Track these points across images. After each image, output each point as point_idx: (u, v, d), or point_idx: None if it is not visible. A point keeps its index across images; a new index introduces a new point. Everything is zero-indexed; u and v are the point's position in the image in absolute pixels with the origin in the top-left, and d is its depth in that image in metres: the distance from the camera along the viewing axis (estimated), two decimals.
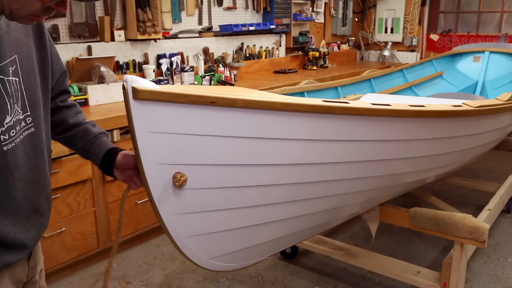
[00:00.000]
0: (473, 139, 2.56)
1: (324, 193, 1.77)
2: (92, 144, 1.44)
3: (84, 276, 2.98)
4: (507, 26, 5.96)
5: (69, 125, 1.44)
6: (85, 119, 1.49)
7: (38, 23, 1.19)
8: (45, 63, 1.24)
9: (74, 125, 1.45)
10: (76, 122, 1.46)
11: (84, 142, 1.44)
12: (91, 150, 1.44)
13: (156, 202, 1.36)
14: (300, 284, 2.83)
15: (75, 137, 1.44)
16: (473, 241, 2.25)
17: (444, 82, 4.95)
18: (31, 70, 1.18)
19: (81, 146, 1.45)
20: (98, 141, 1.45)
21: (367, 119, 1.68)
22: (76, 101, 3.11)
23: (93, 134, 1.46)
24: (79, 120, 1.47)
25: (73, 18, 3.48)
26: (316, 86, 3.59)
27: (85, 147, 1.44)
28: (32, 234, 1.23)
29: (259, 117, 1.39)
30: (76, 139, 1.44)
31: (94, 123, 1.49)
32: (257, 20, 5.16)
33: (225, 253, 1.60)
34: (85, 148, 1.44)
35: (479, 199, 4.02)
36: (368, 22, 6.94)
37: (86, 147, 1.44)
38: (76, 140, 1.44)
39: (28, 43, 1.17)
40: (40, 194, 1.24)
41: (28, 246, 1.22)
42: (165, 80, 3.93)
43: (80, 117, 1.48)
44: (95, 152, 1.44)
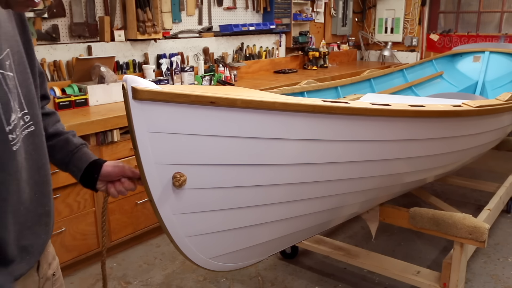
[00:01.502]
0: (473, 139, 2.55)
1: (324, 193, 1.77)
2: (73, 156, 1.35)
3: (84, 276, 2.98)
4: (507, 26, 5.96)
5: (48, 134, 1.31)
6: (64, 128, 1.40)
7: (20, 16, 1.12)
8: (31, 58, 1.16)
9: (54, 135, 1.35)
10: (56, 132, 1.36)
11: (65, 153, 1.35)
12: (72, 162, 1.35)
13: (156, 202, 1.36)
14: (300, 284, 2.83)
15: (54, 147, 1.32)
16: (473, 241, 2.25)
17: (444, 82, 4.95)
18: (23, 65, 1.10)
19: (61, 157, 1.35)
20: (80, 152, 1.37)
21: (367, 119, 1.68)
22: (76, 101, 3.15)
23: (74, 145, 1.37)
24: (59, 129, 1.38)
25: (73, 18, 3.48)
26: (316, 86, 3.59)
27: (65, 159, 1.35)
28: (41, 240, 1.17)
29: (259, 117, 1.39)
30: (56, 150, 1.33)
31: (74, 133, 1.41)
32: (257, 20, 5.16)
33: (225, 253, 1.60)
34: (66, 159, 1.35)
35: (479, 199, 4.02)
36: (368, 22, 6.94)
37: (67, 158, 1.35)
38: (56, 151, 1.33)
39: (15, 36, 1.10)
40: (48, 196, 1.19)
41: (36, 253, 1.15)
42: (165, 80, 3.93)
43: (60, 126, 1.39)
44: (76, 164, 1.35)
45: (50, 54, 3.36)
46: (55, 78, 3.39)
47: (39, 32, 3.26)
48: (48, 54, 3.35)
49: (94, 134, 2.89)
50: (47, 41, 3.35)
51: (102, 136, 2.93)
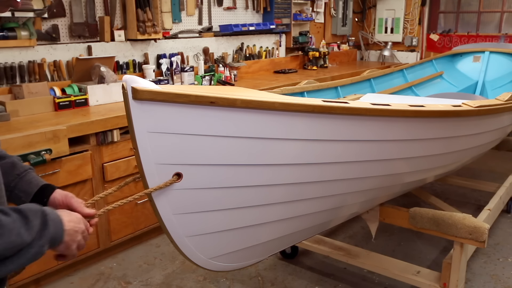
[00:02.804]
0: (473, 139, 2.55)
1: (324, 193, 1.77)
2: (21, 180, 1.26)
3: (84, 276, 2.98)
4: (507, 26, 5.96)
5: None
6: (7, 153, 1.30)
7: None
8: None
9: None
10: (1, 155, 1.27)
11: (11, 177, 1.25)
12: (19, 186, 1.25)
13: (155, 202, 1.36)
14: (300, 284, 2.83)
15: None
16: (473, 241, 2.25)
17: (444, 82, 4.95)
18: None
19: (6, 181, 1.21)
20: (28, 176, 1.28)
21: (367, 119, 1.68)
22: (76, 101, 3.15)
23: (23, 168, 1.28)
24: (3, 153, 1.29)
25: (73, 18, 3.48)
26: (316, 86, 3.58)
27: (11, 183, 1.25)
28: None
29: (258, 117, 1.39)
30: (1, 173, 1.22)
31: (19, 158, 1.32)
32: (257, 20, 5.16)
33: (225, 253, 1.60)
34: (11, 184, 1.25)
35: (479, 199, 4.02)
36: (368, 22, 6.94)
37: (13, 182, 1.25)
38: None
39: None
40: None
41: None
42: (165, 80, 3.93)
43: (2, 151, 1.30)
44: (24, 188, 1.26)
45: (50, 54, 3.36)
46: (55, 78, 3.39)
47: (39, 32, 3.26)
48: (48, 54, 3.35)
49: (94, 134, 2.89)
50: (47, 41, 3.35)
51: (102, 136, 2.93)
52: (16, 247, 0.96)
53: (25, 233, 0.98)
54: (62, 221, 1.10)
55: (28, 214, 1.00)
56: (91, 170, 2.87)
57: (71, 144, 2.73)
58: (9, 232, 0.94)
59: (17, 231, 0.96)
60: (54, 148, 2.59)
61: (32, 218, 1.00)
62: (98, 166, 2.95)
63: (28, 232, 0.98)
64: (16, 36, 3.06)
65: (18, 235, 0.96)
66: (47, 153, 2.54)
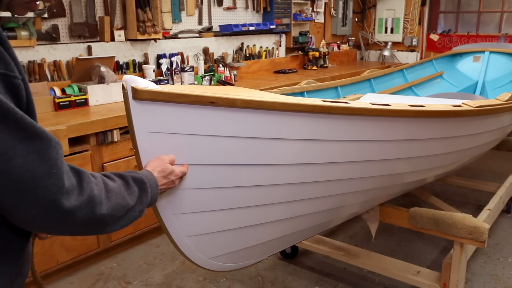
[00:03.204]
0: (473, 139, 2.55)
1: (324, 193, 1.77)
2: None
3: (84, 276, 2.98)
4: (507, 26, 5.96)
5: None
6: None
7: None
8: None
9: None
10: None
11: None
12: None
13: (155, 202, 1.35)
14: (300, 284, 2.83)
15: None
16: (473, 241, 2.25)
17: (444, 82, 4.95)
18: None
19: None
20: None
21: (367, 119, 1.68)
22: (76, 101, 3.15)
23: None
24: None
25: (73, 18, 3.48)
26: (316, 86, 3.58)
27: None
28: None
29: (258, 117, 1.39)
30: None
31: None
32: (257, 20, 5.16)
33: (225, 253, 1.60)
34: None
35: (479, 199, 4.01)
36: (368, 22, 6.94)
37: None
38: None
39: None
40: None
41: None
42: (165, 80, 3.93)
43: None
44: None
45: (50, 54, 3.36)
46: (55, 78, 3.39)
47: (39, 32, 3.26)
48: (48, 54, 3.35)
49: (94, 134, 2.89)
50: (47, 41, 3.35)
51: (102, 136, 2.93)
52: (121, 209, 1.05)
53: (128, 197, 1.08)
54: (158, 185, 1.21)
55: (128, 180, 1.11)
56: (91, 170, 2.87)
57: (71, 144, 2.73)
58: (116, 195, 1.05)
59: (122, 195, 1.07)
60: None
61: (132, 184, 1.11)
62: (98, 166, 2.95)
63: (130, 197, 1.09)
64: (16, 36, 3.06)
65: (123, 198, 1.06)
66: None
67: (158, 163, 1.26)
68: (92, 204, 0.97)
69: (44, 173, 0.89)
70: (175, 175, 1.28)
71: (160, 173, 1.24)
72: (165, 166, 1.26)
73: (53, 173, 0.90)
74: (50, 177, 0.89)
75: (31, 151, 0.88)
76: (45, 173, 0.89)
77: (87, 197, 0.96)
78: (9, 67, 0.93)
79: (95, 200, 0.98)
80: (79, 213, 0.94)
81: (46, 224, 0.94)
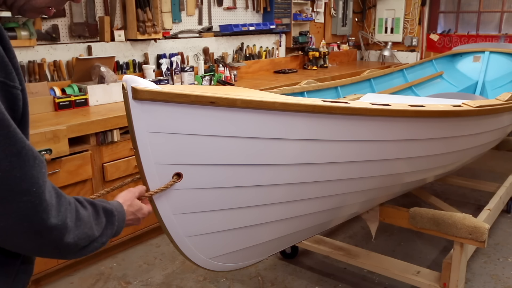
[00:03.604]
0: (473, 139, 2.55)
1: (324, 193, 1.77)
2: None
3: (84, 276, 2.98)
4: (507, 26, 5.96)
5: None
6: None
7: None
8: None
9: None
10: None
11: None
12: None
13: (155, 202, 1.36)
14: (300, 284, 2.83)
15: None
16: (473, 241, 2.25)
17: (444, 82, 4.95)
18: None
19: None
20: None
21: (367, 119, 1.68)
22: (76, 101, 3.15)
23: None
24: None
25: (73, 18, 3.48)
26: (316, 86, 3.59)
27: None
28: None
29: (258, 117, 1.39)
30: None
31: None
32: (257, 20, 5.16)
33: (225, 253, 1.60)
34: None
35: (479, 199, 4.02)
36: (368, 22, 6.94)
37: None
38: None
39: None
40: None
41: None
42: (165, 80, 3.93)
43: None
44: None
45: (50, 54, 3.36)
46: (55, 78, 3.39)
47: (39, 32, 3.26)
48: (48, 54, 3.35)
49: (94, 134, 2.89)
50: (47, 41, 3.35)
51: (102, 136, 2.93)
52: (86, 239, 1.04)
53: (95, 228, 1.06)
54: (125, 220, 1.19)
55: (99, 210, 1.10)
56: (91, 170, 2.87)
57: (71, 144, 2.73)
58: (85, 224, 1.03)
59: (90, 225, 1.05)
60: (54, 148, 2.59)
61: (101, 215, 1.10)
62: (98, 166, 2.95)
63: (97, 228, 1.07)
64: (16, 36, 3.06)
65: (90, 228, 1.05)
66: (47, 153, 2.55)
67: (129, 197, 1.25)
68: (63, 231, 0.96)
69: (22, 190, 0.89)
70: (142, 214, 1.27)
71: (129, 207, 1.23)
72: (134, 201, 1.25)
73: (32, 191, 0.90)
74: (27, 194, 0.89)
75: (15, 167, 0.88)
76: (23, 190, 0.89)
77: (61, 223, 0.96)
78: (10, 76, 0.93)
79: (67, 227, 0.97)
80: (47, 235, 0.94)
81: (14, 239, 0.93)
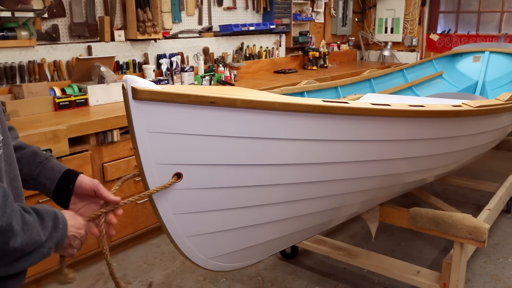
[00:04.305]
0: (473, 139, 2.55)
1: (324, 193, 1.77)
2: (44, 167, 1.25)
3: (84, 276, 2.98)
4: (507, 26, 5.96)
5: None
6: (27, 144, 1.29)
7: None
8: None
9: (17, 148, 1.23)
10: (20, 145, 1.26)
11: (34, 165, 1.24)
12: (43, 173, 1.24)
13: (155, 202, 1.36)
14: (300, 284, 2.83)
15: (20, 160, 1.19)
16: (473, 241, 2.25)
17: (444, 82, 4.95)
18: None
19: (29, 170, 1.23)
20: (51, 163, 1.27)
21: (367, 119, 1.68)
22: (76, 101, 3.15)
23: (44, 155, 1.27)
24: (23, 143, 1.27)
25: (73, 18, 3.48)
26: (316, 86, 3.59)
27: (34, 171, 1.24)
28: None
29: (258, 117, 1.39)
30: (22, 163, 1.22)
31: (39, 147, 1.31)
32: (257, 20, 5.16)
33: (225, 253, 1.60)
34: (34, 171, 1.24)
35: (479, 199, 4.01)
36: (368, 22, 6.94)
37: (36, 170, 1.24)
38: (22, 163, 1.21)
39: None
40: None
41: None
42: (165, 80, 3.93)
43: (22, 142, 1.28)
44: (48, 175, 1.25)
45: (50, 54, 3.36)
46: (55, 78, 3.39)
47: (39, 32, 3.26)
48: (48, 54, 3.35)
49: (94, 134, 2.89)
50: (47, 41, 3.35)
51: (102, 136, 2.93)
52: (33, 244, 0.99)
53: (41, 232, 1.01)
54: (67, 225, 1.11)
55: (43, 214, 1.03)
56: (91, 170, 2.87)
57: (71, 144, 2.73)
58: (31, 229, 0.98)
59: (37, 230, 1.00)
60: (54, 148, 2.59)
61: (47, 218, 1.04)
62: (98, 166, 2.95)
63: (43, 232, 1.02)
64: (16, 36, 3.06)
65: (37, 233, 0.99)
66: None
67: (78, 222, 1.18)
68: (9, 234, 0.91)
69: None
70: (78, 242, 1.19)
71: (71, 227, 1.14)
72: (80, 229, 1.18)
73: None
74: None
75: None
76: None
77: (7, 225, 0.90)
78: None
79: (13, 231, 0.91)
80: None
81: None
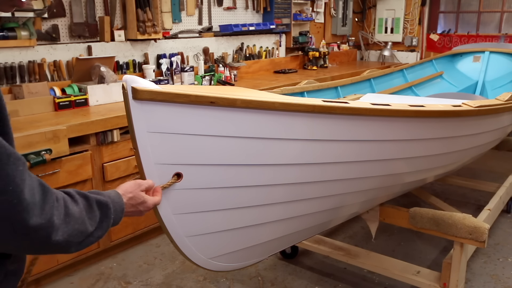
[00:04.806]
0: (473, 139, 2.55)
1: (324, 193, 1.77)
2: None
3: (84, 276, 2.98)
4: (507, 26, 5.96)
5: None
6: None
7: None
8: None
9: None
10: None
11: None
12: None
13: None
14: (300, 284, 2.83)
15: None
16: (473, 241, 2.25)
17: (444, 82, 4.95)
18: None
19: None
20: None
21: (367, 119, 1.68)
22: (76, 101, 3.15)
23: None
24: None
25: (73, 18, 3.48)
26: (316, 86, 3.59)
27: None
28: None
29: (258, 117, 1.39)
30: None
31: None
32: (257, 20, 5.16)
33: (225, 253, 1.60)
34: None
35: (479, 199, 4.01)
36: (368, 22, 6.94)
37: None
38: None
39: None
40: None
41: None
42: (165, 80, 3.93)
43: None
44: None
45: (50, 54, 3.36)
46: (55, 78, 3.39)
47: (39, 32, 3.26)
48: (48, 54, 3.35)
49: (94, 134, 2.89)
50: (47, 41, 3.35)
51: (102, 136, 2.93)
52: (79, 234, 1.02)
53: (87, 222, 1.04)
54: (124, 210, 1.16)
55: (93, 204, 1.07)
56: (91, 170, 2.87)
57: (71, 144, 2.73)
58: (75, 220, 1.00)
59: (81, 220, 1.02)
60: (54, 148, 2.59)
61: (95, 208, 1.07)
62: (98, 166, 2.95)
63: (90, 222, 1.05)
64: (16, 36, 3.06)
65: (82, 223, 1.02)
66: (47, 153, 2.55)
67: (132, 188, 1.22)
68: (49, 230, 0.94)
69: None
70: (145, 207, 1.24)
71: (130, 199, 1.20)
72: (138, 194, 1.22)
73: (8, 190, 0.88)
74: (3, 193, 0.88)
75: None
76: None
77: (46, 221, 0.93)
78: None
79: (54, 225, 0.95)
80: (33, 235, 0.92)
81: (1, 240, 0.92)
